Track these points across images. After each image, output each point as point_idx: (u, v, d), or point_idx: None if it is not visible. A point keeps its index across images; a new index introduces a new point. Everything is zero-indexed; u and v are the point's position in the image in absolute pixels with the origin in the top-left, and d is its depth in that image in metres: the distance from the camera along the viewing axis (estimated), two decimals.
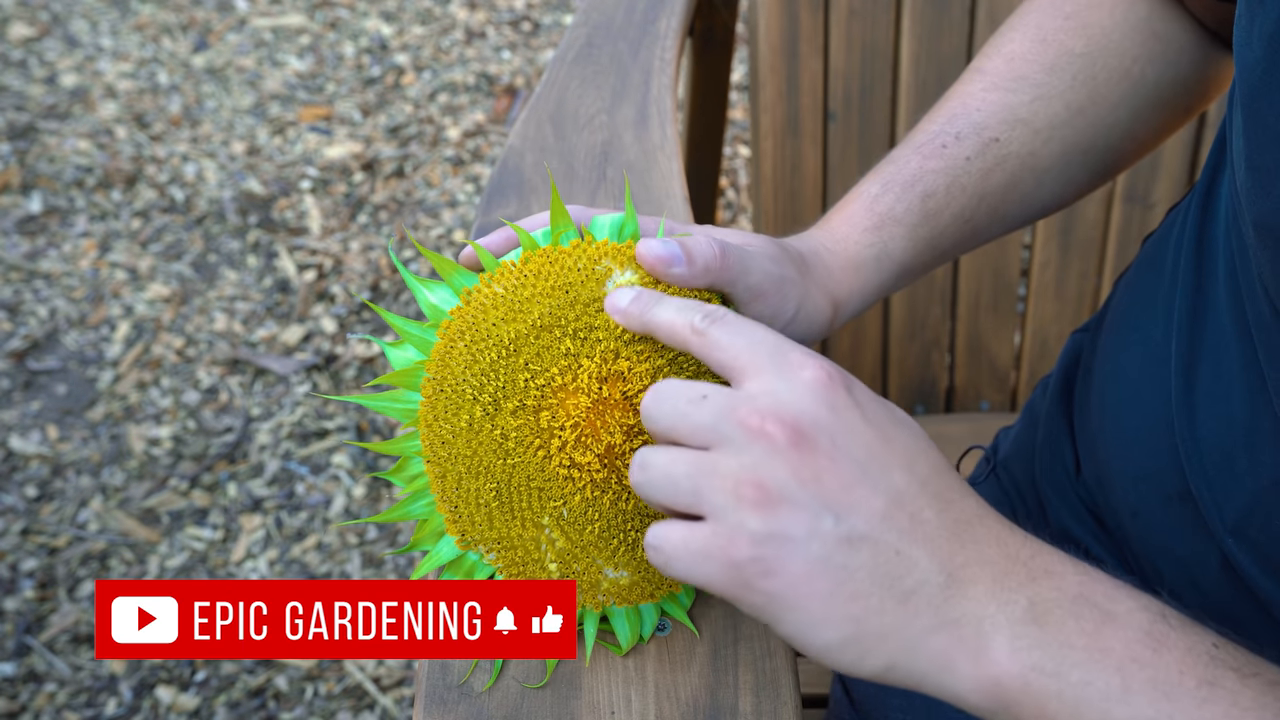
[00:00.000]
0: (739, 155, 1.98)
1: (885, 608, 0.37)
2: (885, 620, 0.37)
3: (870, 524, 0.37)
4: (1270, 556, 0.47)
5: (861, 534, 0.37)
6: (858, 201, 0.55)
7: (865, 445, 0.38)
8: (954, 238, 0.56)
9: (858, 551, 0.37)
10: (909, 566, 0.37)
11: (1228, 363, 0.48)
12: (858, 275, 0.54)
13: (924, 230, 0.55)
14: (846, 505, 0.37)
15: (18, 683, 1.33)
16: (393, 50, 2.19)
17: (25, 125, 2.03)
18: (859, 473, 0.37)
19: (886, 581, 0.37)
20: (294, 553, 1.46)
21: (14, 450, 1.56)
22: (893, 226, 0.54)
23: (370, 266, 1.80)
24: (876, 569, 0.37)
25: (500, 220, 0.64)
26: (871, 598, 0.37)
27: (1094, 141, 0.58)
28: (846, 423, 0.38)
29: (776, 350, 0.39)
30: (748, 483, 0.37)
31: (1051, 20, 0.58)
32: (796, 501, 0.36)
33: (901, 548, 0.37)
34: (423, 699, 0.47)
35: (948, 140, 0.56)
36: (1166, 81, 0.58)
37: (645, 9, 0.85)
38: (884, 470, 0.38)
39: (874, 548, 0.37)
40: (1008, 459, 0.70)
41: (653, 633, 0.49)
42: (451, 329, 0.47)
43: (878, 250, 0.54)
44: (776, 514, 0.36)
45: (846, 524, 0.37)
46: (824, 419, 0.37)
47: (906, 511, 0.37)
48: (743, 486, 0.37)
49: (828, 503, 0.37)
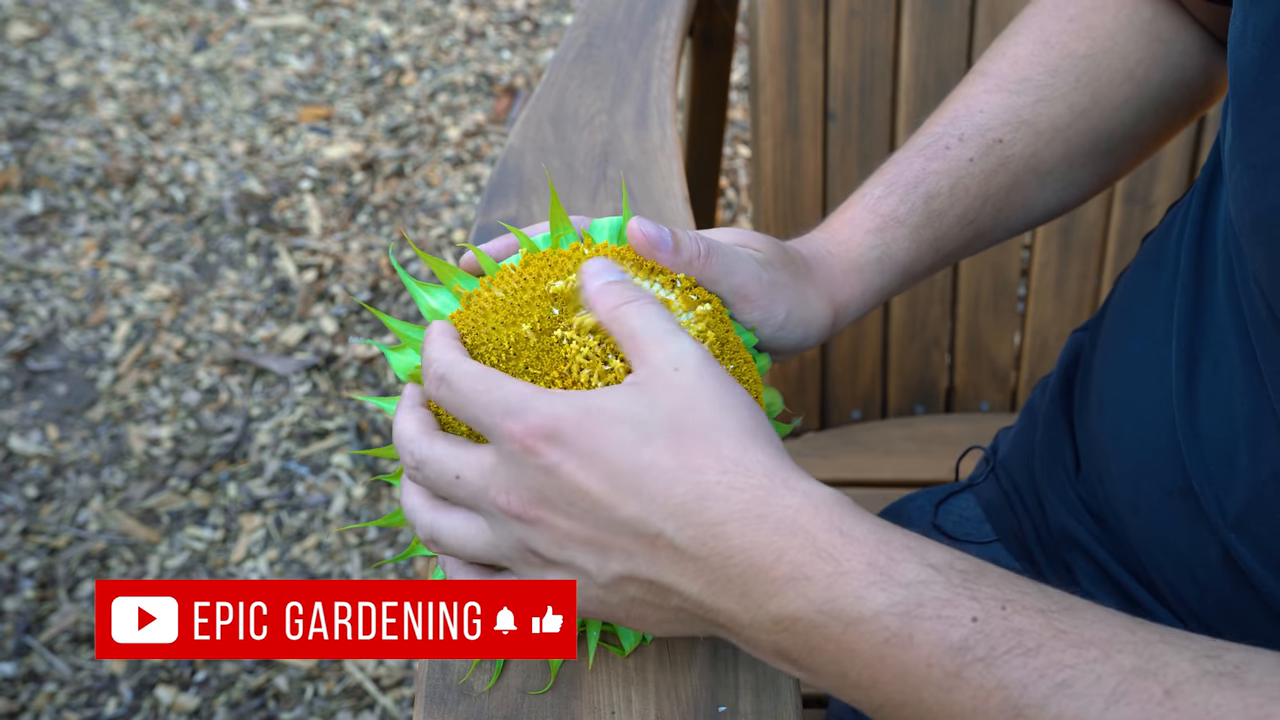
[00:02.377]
0: (739, 155, 1.98)
1: (665, 618, 0.42)
2: (673, 625, 0.42)
3: (623, 564, 0.40)
4: (1272, 551, 0.47)
5: (617, 574, 0.40)
6: (861, 203, 0.55)
7: (589, 495, 0.39)
8: (957, 240, 0.56)
9: (624, 589, 0.41)
10: (665, 592, 0.40)
11: (1228, 358, 0.48)
12: (860, 278, 0.54)
13: (927, 232, 0.55)
14: (598, 553, 0.40)
15: (18, 683, 1.33)
16: (393, 50, 2.19)
17: (25, 125, 2.03)
18: (593, 522, 0.40)
19: (656, 602, 0.41)
20: (294, 553, 1.46)
21: (14, 450, 1.56)
22: (896, 228, 0.54)
23: (370, 266, 1.80)
24: (641, 596, 0.41)
25: (501, 224, 0.64)
26: (651, 613, 0.42)
27: (1096, 143, 0.58)
28: (565, 480, 0.39)
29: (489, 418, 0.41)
30: (524, 550, 0.42)
31: (1055, 23, 0.59)
32: (559, 563, 0.41)
33: (654, 577, 0.40)
34: (423, 699, 0.47)
35: (951, 142, 0.56)
36: (1169, 83, 0.58)
37: (645, 9, 0.85)
38: (612, 511, 0.39)
39: (633, 584, 0.41)
40: (1007, 459, 0.70)
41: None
42: None
43: (880, 253, 0.54)
44: (555, 572, 0.42)
45: (604, 572, 0.40)
46: (547, 486, 0.40)
47: (645, 540, 0.39)
48: (526, 554, 0.42)
49: (579, 560, 0.41)
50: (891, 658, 0.37)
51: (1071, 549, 0.61)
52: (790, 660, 0.39)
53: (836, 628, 0.37)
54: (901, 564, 0.38)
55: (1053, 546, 0.63)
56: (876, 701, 0.38)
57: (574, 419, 0.39)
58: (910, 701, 0.37)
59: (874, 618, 0.37)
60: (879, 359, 1.04)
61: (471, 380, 0.42)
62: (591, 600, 0.42)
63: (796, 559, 0.38)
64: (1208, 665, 0.35)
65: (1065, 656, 0.35)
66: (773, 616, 0.38)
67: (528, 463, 0.40)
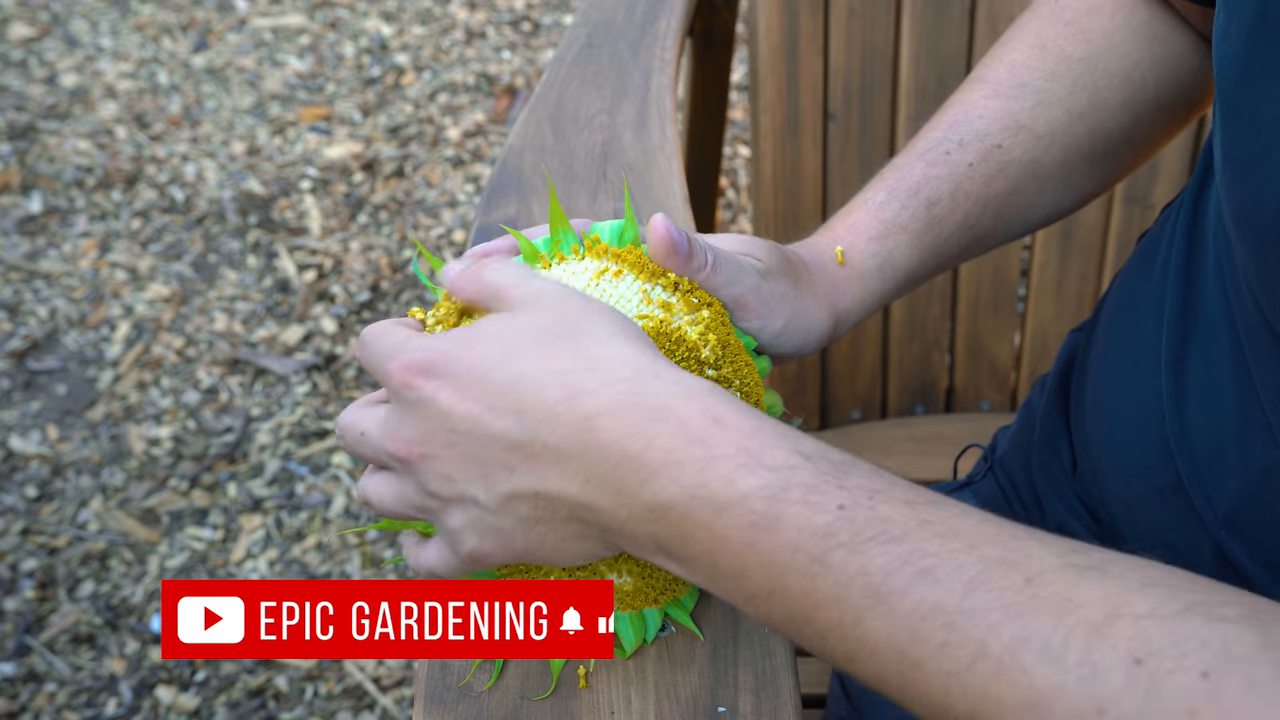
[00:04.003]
0: (739, 155, 1.98)
1: (561, 537, 0.42)
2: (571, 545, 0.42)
3: (507, 481, 0.41)
4: (1262, 547, 0.47)
5: (504, 493, 0.41)
6: (862, 209, 0.56)
7: (465, 417, 0.40)
8: (958, 244, 0.57)
9: (514, 508, 0.41)
10: (551, 501, 0.41)
11: (1217, 356, 0.48)
12: (862, 284, 0.54)
13: (929, 238, 0.55)
14: (482, 477, 0.41)
15: (18, 683, 1.33)
16: (393, 50, 2.19)
17: (25, 125, 2.03)
18: (473, 444, 0.40)
19: (545, 517, 0.41)
20: (294, 553, 1.46)
21: (14, 450, 1.56)
22: (898, 234, 0.55)
23: (370, 266, 1.80)
24: (531, 514, 0.41)
25: (500, 226, 0.64)
26: (548, 534, 0.42)
27: (1095, 146, 0.58)
28: (442, 407, 0.41)
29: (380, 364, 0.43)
30: (425, 495, 0.43)
31: (1051, 27, 0.59)
32: (453, 498, 0.42)
33: (537, 487, 0.40)
34: (423, 699, 0.47)
35: (951, 147, 0.56)
36: (1166, 85, 0.59)
37: (645, 9, 0.85)
38: (489, 427, 0.40)
39: (521, 501, 0.41)
40: (1005, 457, 0.70)
41: (656, 634, 0.49)
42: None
43: (882, 259, 0.54)
44: (452, 513, 0.42)
45: (492, 494, 0.41)
46: (428, 420, 0.41)
47: (522, 449, 0.40)
48: (426, 499, 0.43)
49: (470, 489, 0.41)
50: (760, 543, 0.37)
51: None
52: (666, 553, 0.40)
53: (707, 513, 0.38)
54: (772, 449, 0.38)
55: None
56: (748, 592, 0.39)
57: (446, 349, 0.41)
58: (777, 590, 0.37)
59: (741, 500, 0.37)
60: (879, 359, 1.04)
61: (373, 333, 0.44)
62: (488, 533, 0.42)
63: (668, 445, 0.38)
64: (1073, 559, 0.35)
65: (929, 545, 0.35)
66: (647, 505, 0.39)
67: (409, 398, 0.41)
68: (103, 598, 1.41)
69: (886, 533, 0.36)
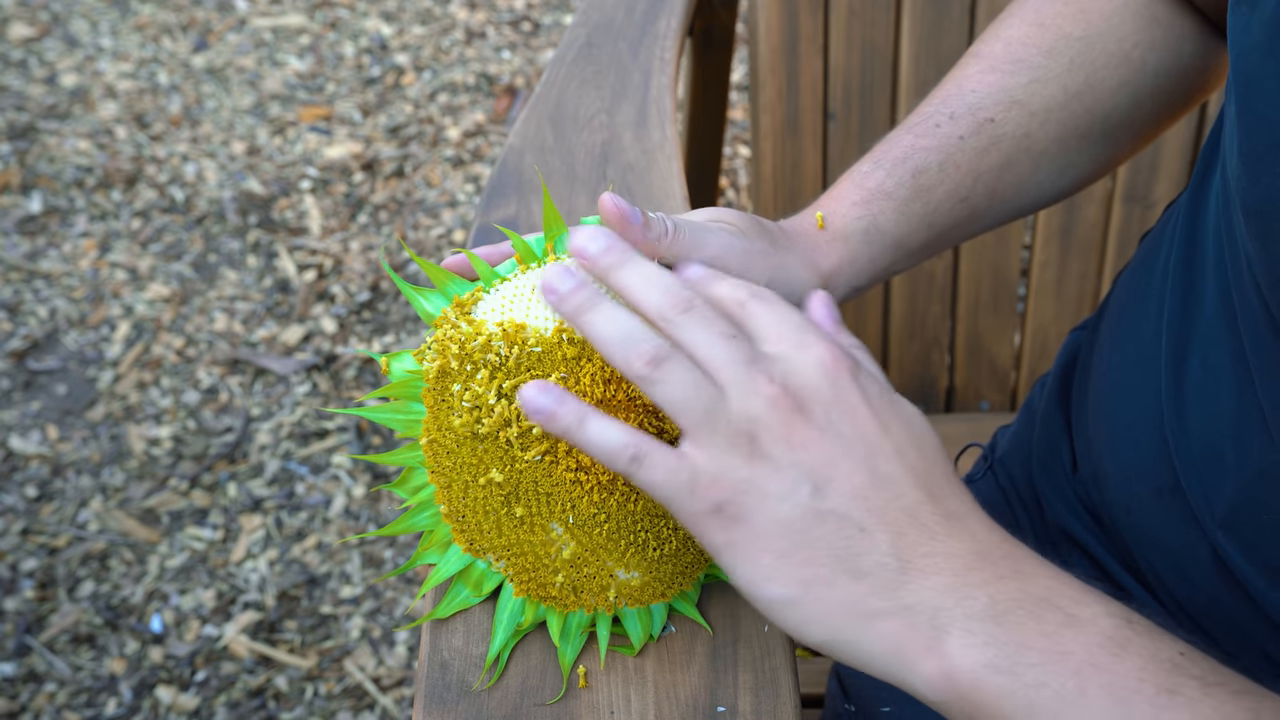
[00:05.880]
0: (739, 155, 1.98)
1: (836, 580, 0.38)
2: (834, 592, 0.38)
3: (843, 500, 0.39)
4: (1258, 549, 0.47)
5: (831, 508, 0.38)
6: (848, 180, 0.56)
7: (857, 425, 0.39)
8: (950, 217, 0.56)
9: (824, 523, 0.38)
10: (869, 547, 0.38)
11: (1216, 356, 0.48)
12: (845, 246, 0.53)
13: (916, 205, 0.55)
14: (825, 478, 0.39)
15: (18, 683, 1.33)
16: (393, 50, 2.19)
17: (25, 125, 2.03)
18: (844, 449, 0.39)
19: (843, 556, 0.38)
20: (294, 553, 1.46)
21: (14, 450, 1.56)
22: (882, 201, 0.54)
23: (370, 267, 1.80)
24: (836, 543, 0.38)
25: (500, 227, 0.64)
26: (824, 567, 0.38)
27: (1092, 126, 0.58)
28: (844, 401, 0.40)
29: (800, 327, 0.41)
30: (744, 434, 0.39)
31: (1050, 5, 0.58)
32: (780, 463, 0.39)
33: (867, 527, 0.38)
34: (423, 699, 0.47)
35: (941, 120, 0.56)
36: (1166, 69, 0.58)
37: (645, 9, 0.85)
38: (870, 452, 0.39)
39: (840, 522, 0.38)
40: (1005, 457, 0.70)
41: (661, 632, 0.50)
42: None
43: (866, 224, 0.54)
44: (762, 468, 0.39)
45: (821, 496, 0.39)
46: (825, 394, 0.40)
47: (883, 495, 0.39)
48: (739, 436, 0.39)
49: (808, 472, 0.39)
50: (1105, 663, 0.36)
51: (1069, 546, 0.61)
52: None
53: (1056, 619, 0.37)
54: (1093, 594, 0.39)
55: (1050, 544, 0.63)
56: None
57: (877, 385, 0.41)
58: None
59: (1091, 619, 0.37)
60: (879, 358, 1.04)
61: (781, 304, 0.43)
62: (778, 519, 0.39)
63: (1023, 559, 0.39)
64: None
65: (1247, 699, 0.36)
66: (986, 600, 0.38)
67: (825, 370, 0.40)
68: (103, 598, 1.41)
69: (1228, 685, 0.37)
